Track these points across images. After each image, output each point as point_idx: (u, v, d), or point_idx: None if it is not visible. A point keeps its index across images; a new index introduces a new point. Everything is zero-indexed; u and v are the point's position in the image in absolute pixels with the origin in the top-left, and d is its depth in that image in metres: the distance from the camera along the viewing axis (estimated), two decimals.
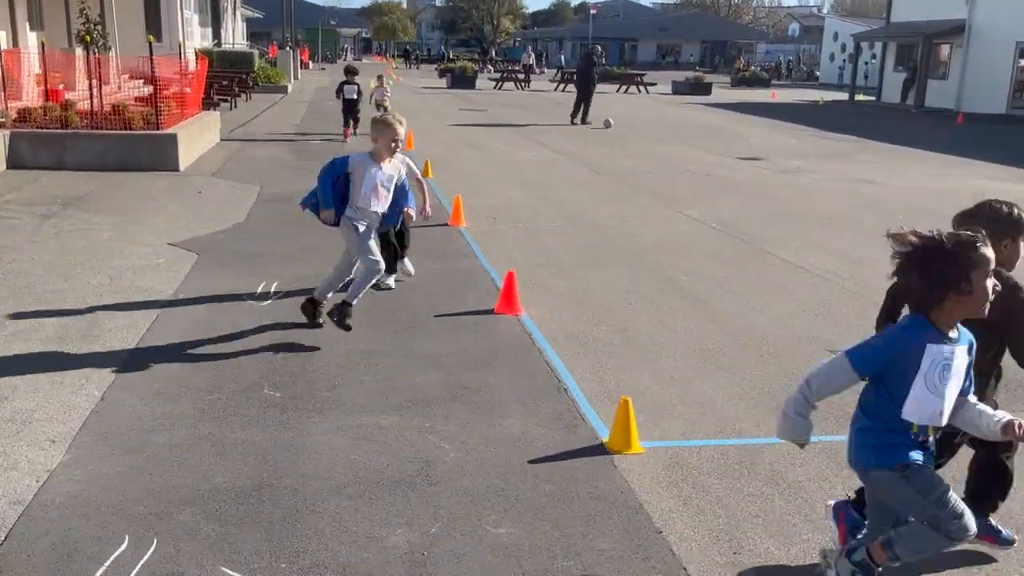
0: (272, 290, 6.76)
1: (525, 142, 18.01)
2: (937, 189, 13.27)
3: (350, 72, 16.62)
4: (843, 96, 39.81)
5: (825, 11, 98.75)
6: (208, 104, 18.12)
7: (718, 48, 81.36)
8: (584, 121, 22.09)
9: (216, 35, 33.70)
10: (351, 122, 16.57)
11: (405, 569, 3.28)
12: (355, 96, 16.38)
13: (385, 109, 14.96)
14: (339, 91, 16.50)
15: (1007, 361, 3.34)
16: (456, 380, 5.11)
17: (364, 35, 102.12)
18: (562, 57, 63.26)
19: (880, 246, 10.43)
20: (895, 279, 2.91)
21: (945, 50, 33.77)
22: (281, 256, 7.82)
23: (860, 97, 38.27)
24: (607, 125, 21.19)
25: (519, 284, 6.64)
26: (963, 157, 17.79)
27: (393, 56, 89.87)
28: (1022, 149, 19.85)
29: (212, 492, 3.76)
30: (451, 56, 64.28)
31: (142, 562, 3.26)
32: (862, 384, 2.98)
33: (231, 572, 3.23)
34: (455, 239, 8.80)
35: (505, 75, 40.19)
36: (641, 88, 38.72)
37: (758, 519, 3.72)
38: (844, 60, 54.14)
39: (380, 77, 17.02)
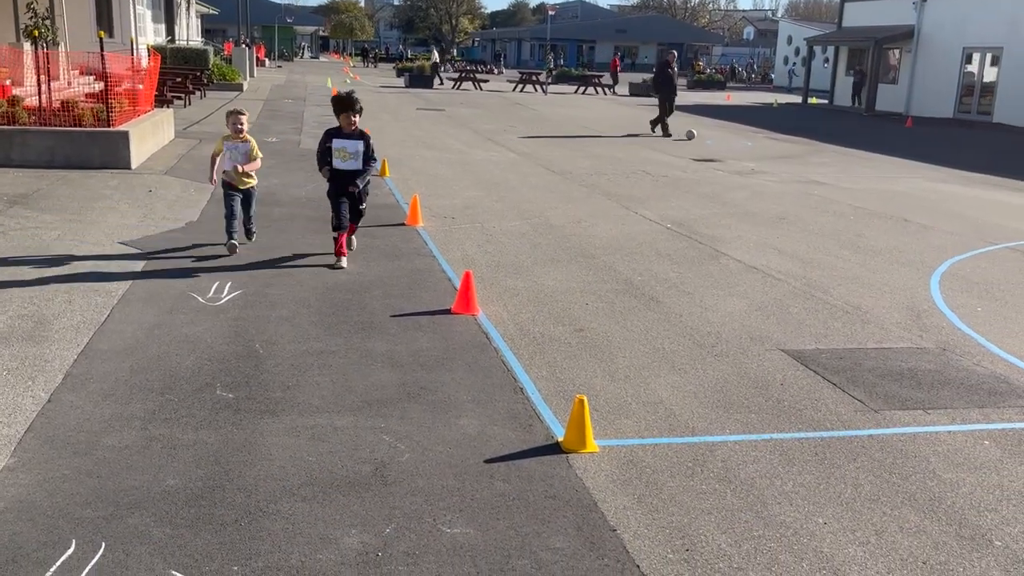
0: (225, 290, 6.68)
1: (483, 142, 18.01)
2: (886, 191, 13.54)
3: (344, 106, 7.41)
4: (797, 99, 40.45)
5: (779, 15, 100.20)
6: (161, 101, 17.84)
7: (675, 50, 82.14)
8: (664, 133, 20.70)
9: (170, 31, 33.15)
10: (351, 214, 7.70)
11: (359, 570, 3.27)
12: (359, 165, 7.49)
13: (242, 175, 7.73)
14: (324, 151, 7.48)
15: None
16: (412, 380, 5.10)
17: (321, 33, 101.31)
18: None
19: (831, 247, 10.47)
20: None
21: (895, 55, 34.48)
22: (234, 256, 7.73)
23: (813, 100, 38.89)
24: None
25: (476, 284, 6.64)
26: (912, 160, 18.17)
27: (351, 55, 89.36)
28: (968, 152, 20.33)
29: (163, 494, 3.71)
30: (408, 55, 63.61)
31: (90, 566, 3.20)
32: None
33: None
34: (412, 239, 8.77)
35: (463, 75, 40.16)
36: (600, 89, 39.10)
37: (710, 516, 3.77)
38: (793, 65, 55.00)
39: (235, 115, 7.86)
